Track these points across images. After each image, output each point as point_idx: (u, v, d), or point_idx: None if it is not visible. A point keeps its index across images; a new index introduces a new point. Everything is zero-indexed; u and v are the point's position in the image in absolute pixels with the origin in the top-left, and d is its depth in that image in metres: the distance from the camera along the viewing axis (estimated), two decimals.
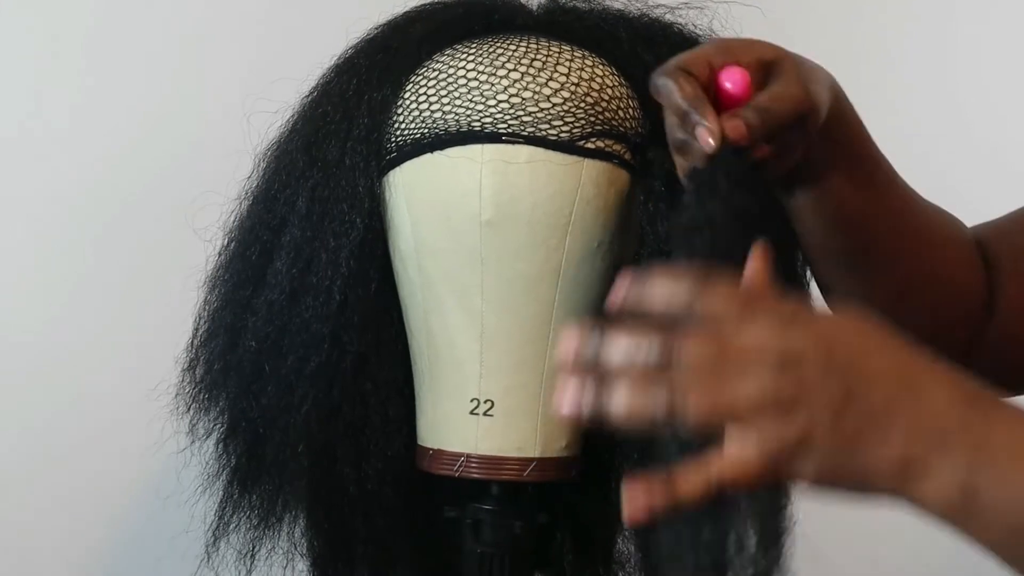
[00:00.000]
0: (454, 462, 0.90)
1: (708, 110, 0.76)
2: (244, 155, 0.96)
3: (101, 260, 1.30)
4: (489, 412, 0.90)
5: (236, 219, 0.96)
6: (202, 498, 0.98)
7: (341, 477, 0.92)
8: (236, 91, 1.07)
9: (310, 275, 0.90)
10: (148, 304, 1.30)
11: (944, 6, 1.53)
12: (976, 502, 0.67)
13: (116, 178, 1.30)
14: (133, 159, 1.31)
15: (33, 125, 1.27)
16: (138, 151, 1.31)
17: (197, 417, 0.97)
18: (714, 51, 0.79)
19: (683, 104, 0.76)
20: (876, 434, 0.65)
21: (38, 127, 1.27)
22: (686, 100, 0.76)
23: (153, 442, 1.04)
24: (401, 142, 0.90)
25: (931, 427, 0.66)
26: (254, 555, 0.97)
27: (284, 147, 0.94)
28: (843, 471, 0.66)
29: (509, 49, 0.90)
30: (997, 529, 0.68)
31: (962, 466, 0.66)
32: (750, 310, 0.65)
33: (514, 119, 0.87)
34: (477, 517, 0.92)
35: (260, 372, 0.92)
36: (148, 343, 1.21)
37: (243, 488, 0.96)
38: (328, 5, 1.38)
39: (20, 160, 1.29)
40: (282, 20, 1.39)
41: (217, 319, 0.95)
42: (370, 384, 0.92)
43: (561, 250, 0.88)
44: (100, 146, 1.30)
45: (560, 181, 0.87)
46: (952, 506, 0.67)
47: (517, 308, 0.89)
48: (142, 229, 1.31)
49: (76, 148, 1.29)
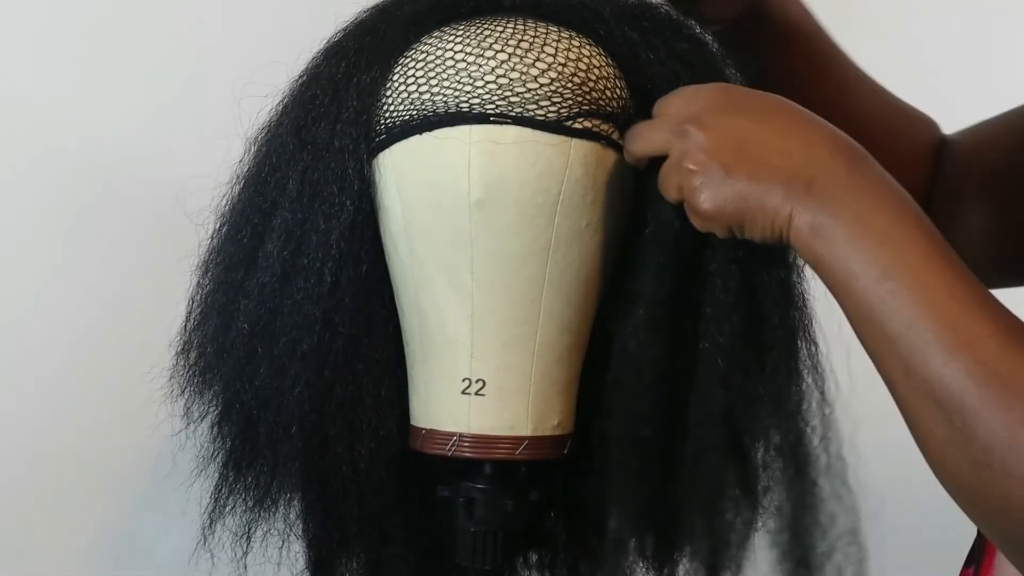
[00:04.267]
0: (446, 442, 0.91)
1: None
2: (235, 139, 0.96)
3: (93, 245, 1.31)
4: (481, 391, 0.90)
5: (227, 203, 0.96)
6: (198, 480, 0.98)
7: (334, 458, 0.93)
8: (226, 75, 1.07)
9: (301, 257, 0.91)
10: (140, 289, 1.30)
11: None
12: (826, 243, 0.79)
13: (107, 163, 1.31)
14: (124, 144, 1.31)
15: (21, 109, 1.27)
16: (129, 136, 1.31)
17: (191, 400, 0.97)
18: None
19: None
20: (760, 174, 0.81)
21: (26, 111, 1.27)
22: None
23: (148, 425, 1.04)
24: (390, 124, 0.90)
25: (802, 174, 0.80)
26: (250, 537, 0.98)
27: (274, 131, 0.94)
28: (739, 222, 0.82)
29: (496, 30, 0.90)
30: (831, 271, 0.79)
31: (813, 208, 0.79)
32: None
33: (502, 100, 0.88)
34: (470, 496, 0.92)
35: (253, 354, 0.92)
36: (141, 327, 1.21)
37: (238, 470, 0.96)
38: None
39: (7, 145, 1.29)
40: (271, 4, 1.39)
41: (210, 302, 0.95)
42: (362, 365, 0.92)
43: (550, 229, 0.89)
44: (90, 131, 1.30)
45: (548, 161, 0.88)
46: (806, 247, 0.79)
47: (507, 287, 0.89)
48: (134, 214, 1.31)
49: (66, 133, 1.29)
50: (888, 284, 0.76)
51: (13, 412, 1.28)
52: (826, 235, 0.79)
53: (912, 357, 0.75)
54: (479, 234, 0.88)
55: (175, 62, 1.33)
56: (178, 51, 1.33)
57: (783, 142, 0.81)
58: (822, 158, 0.81)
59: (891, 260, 0.77)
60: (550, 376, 0.91)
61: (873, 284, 0.77)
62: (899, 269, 0.77)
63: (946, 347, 0.74)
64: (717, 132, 0.82)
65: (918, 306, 0.76)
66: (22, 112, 1.28)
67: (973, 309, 0.75)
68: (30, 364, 1.28)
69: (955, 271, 0.77)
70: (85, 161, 1.29)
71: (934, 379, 0.74)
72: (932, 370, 0.74)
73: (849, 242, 0.78)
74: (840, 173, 0.80)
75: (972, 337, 0.74)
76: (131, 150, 1.31)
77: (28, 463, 1.28)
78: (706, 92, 0.85)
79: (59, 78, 1.29)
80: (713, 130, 0.82)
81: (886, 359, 0.77)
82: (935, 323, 0.75)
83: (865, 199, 0.79)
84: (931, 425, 0.74)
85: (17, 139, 1.27)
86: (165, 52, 1.33)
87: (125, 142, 1.31)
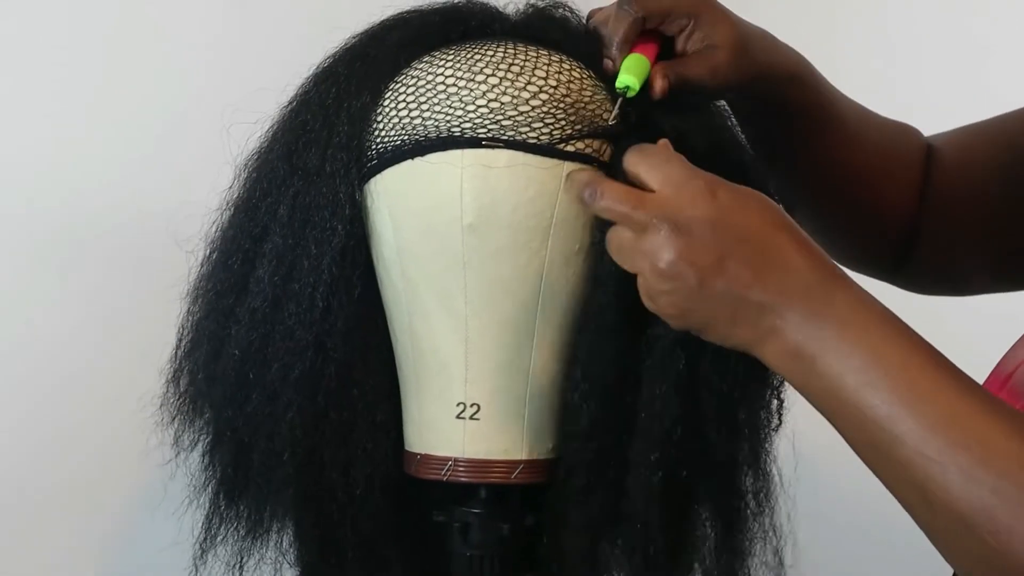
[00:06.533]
0: (442, 466, 0.91)
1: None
2: (225, 165, 0.96)
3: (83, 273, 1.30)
4: (475, 416, 0.90)
5: (218, 229, 0.96)
6: (190, 509, 0.98)
7: (328, 484, 0.92)
8: (216, 102, 1.07)
9: (293, 283, 0.90)
10: (131, 316, 1.30)
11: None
12: (810, 366, 0.77)
13: (97, 190, 1.30)
14: (114, 171, 1.31)
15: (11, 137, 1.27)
16: (119, 163, 1.31)
17: (182, 428, 0.97)
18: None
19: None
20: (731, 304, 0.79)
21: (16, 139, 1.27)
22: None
23: (139, 454, 1.04)
24: (381, 149, 0.90)
25: (776, 293, 0.78)
26: (243, 566, 0.97)
27: (265, 156, 0.94)
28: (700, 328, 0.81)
29: (487, 55, 0.90)
30: (825, 396, 0.77)
31: (797, 329, 0.77)
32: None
33: (493, 124, 0.88)
34: (465, 520, 0.92)
35: (244, 381, 0.92)
36: (132, 355, 1.21)
37: (230, 498, 0.96)
38: (306, 15, 1.39)
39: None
40: (261, 30, 1.39)
41: (200, 329, 0.95)
42: (356, 390, 0.92)
43: (543, 252, 0.89)
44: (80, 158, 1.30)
45: (541, 184, 0.88)
46: (788, 368, 0.78)
47: (501, 311, 0.89)
48: (124, 241, 1.30)
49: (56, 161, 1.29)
50: (894, 405, 0.74)
51: (3, 443, 1.27)
52: (816, 355, 0.77)
53: (929, 483, 0.73)
54: (472, 258, 0.88)
55: (164, 89, 1.32)
56: (167, 78, 1.33)
57: (763, 258, 0.79)
58: (803, 280, 0.78)
59: (888, 377, 0.75)
60: (544, 399, 0.91)
61: (880, 402, 0.75)
62: (901, 383, 0.75)
63: (963, 468, 0.72)
64: (696, 241, 0.79)
65: (929, 428, 0.73)
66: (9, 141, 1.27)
67: (983, 418, 0.73)
68: (21, 392, 1.27)
69: (955, 380, 0.75)
70: (75, 189, 1.29)
71: (960, 505, 0.72)
72: (955, 495, 0.72)
73: (841, 360, 0.76)
74: (821, 295, 0.78)
75: (989, 453, 0.72)
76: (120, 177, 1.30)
77: (19, 492, 1.27)
78: (691, 191, 0.80)
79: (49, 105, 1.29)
80: (691, 238, 0.79)
81: (901, 487, 0.75)
82: (950, 444, 0.73)
83: (853, 320, 0.77)
84: (964, 544, 0.73)
85: (5, 168, 1.27)
86: (154, 79, 1.32)
87: (114, 170, 1.30)
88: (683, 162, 0.83)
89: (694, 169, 0.82)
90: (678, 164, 0.82)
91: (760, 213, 0.81)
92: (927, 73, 1.63)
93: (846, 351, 0.76)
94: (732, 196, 0.81)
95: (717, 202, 0.80)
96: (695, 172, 0.82)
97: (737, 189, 0.82)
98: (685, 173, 0.81)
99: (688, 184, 0.81)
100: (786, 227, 0.81)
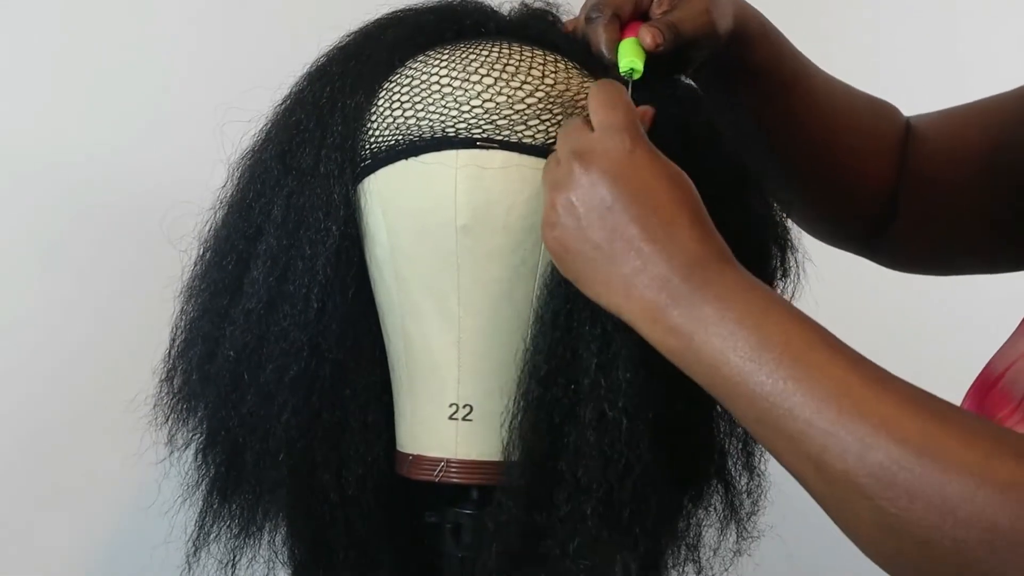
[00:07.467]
0: (434, 467, 0.91)
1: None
2: (218, 164, 0.96)
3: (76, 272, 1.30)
4: (468, 417, 0.90)
5: (211, 229, 0.96)
6: (183, 508, 0.98)
7: (321, 484, 0.92)
8: (209, 101, 1.07)
9: (287, 283, 0.90)
10: (125, 316, 1.30)
11: None
12: (687, 343, 0.77)
13: (89, 190, 1.30)
14: (106, 171, 1.31)
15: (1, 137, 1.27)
16: (111, 162, 1.31)
17: (176, 427, 0.97)
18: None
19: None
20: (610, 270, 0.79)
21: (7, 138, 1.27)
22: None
23: (133, 453, 1.04)
24: (375, 149, 0.90)
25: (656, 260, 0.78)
26: (235, 564, 0.97)
27: (258, 156, 0.94)
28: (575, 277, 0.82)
29: (481, 55, 0.90)
30: (706, 374, 0.77)
31: (674, 304, 0.77)
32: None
33: (488, 124, 0.88)
34: (457, 521, 0.92)
35: (238, 381, 0.92)
36: (125, 354, 1.21)
37: (223, 497, 0.96)
38: (300, 14, 1.39)
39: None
40: (254, 29, 1.39)
41: (194, 329, 0.95)
42: (349, 391, 0.92)
43: (537, 253, 0.89)
44: (72, 157, 1.30)
45: (535, 185, 0.87)
46: (665, 343, 0.78)
47: (494, 312, 0.89)
48: (117, 241, 1.30)
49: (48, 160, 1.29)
50: (781, 379, 0.74)
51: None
52: (693, 332, 0.76)
53: (824, 454, 0.72)
54: (465, 259, 0.88)
55: (157, 88, 1.32)
56: (160, 77, 1.33)
57: (652, 222, 0.79)
58: (688, 254, 0.78)
59: (772, 352, 0.74)
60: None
61: (767, 377, 0.74)
62: (787, 357, 0.74)
63: (859, 436, 0.71)
64: (594, 186, 0.80)
65: (822, 399, 0.73)
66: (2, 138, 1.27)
67: (875, 387, 0.73)
68: (12, 392, 1.27)
69: (843, 355, 0.75)
70: (67, 188, 1.29)
71: (855, 471, 0.71)
72: (851, 464, 0.71)
73: (722, 338, 0.76)
74: (702, 273, 0.78)
75: (884, 421, 0.71)
76: (113, 176, 1.30)
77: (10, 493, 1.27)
78: (613, 140, 0.81)
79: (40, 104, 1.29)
80: (590, 180, 0.80)
81: (793, 459, 0.74)
82: (843, 414, 0.72)
83: (735, 299, 0.77)
84: (861, 513, 0.72)
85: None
86: (147, 78, 1.32)
87: (107, 168, 1.30)
88: (627, 110, 0.82)
89: (632, 121, 0.82)
90: (619, 111, 0.82)
91: (670, 184, 0.80)
92: (909, 61, 1.63)
93: (728, 329, 0.75)
94: (648, 159, 0.81)
95: (631, 157, 0.80)
96: (628, 124, 0.81)
97: (658, 157, 0.81)
98: (618, 121, 0.82)
99: (613, 132, 0.81)
100: (690, 206, 0.80)
